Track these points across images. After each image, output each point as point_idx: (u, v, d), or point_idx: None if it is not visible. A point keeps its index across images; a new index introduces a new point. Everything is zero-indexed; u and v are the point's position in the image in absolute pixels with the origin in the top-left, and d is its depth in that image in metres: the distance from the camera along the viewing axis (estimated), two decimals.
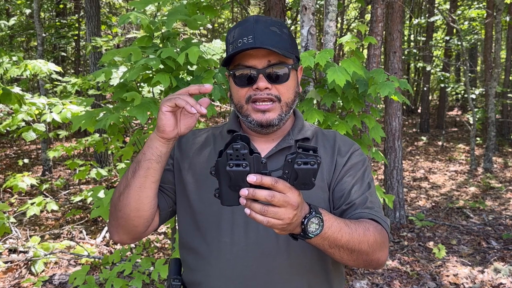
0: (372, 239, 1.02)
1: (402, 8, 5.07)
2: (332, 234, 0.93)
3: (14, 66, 3.53)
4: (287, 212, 0.83)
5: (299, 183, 0.84)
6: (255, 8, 11.85)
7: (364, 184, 1.16)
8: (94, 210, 2.26)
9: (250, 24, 1.11)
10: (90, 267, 3.72)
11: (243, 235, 1.11)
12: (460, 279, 3.76)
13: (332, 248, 0.96)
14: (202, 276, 1.15)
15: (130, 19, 2.14)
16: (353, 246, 0.98)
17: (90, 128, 2.46)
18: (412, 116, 15.92)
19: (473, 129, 8.18)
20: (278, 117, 1.13)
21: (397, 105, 5.05)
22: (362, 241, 0.99)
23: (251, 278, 1.10)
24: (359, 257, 1.01)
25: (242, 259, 1.10)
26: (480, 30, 12.64)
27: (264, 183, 0.81)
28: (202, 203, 1.16)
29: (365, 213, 1.09)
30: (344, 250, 0.97)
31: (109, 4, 11.26)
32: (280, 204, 0.82)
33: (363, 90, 2.44)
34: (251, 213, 0.83)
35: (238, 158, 0.82)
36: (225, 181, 0.85)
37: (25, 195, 5.86)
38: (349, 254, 0.99)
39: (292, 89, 1.16)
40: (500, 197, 6.51)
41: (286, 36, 1.14)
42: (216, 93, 2.25)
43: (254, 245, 1.10)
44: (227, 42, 1.16)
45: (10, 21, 9.52)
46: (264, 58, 1.09)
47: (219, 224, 1.13)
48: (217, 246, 1.12)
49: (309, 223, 0.88)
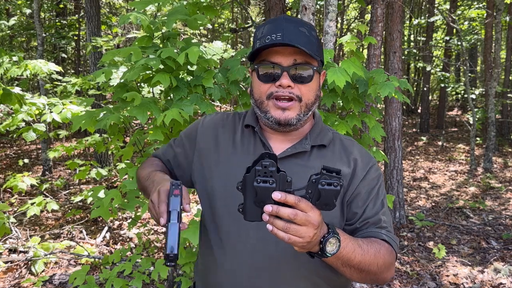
0: (382, 261, 1.05)
1: (402, 8, 5.08)
2: (347, 254, 0.97)
3: (14, 66, 3.53)
4: (308, 231, 0.86)
5: (321, 203, 0.88)
6: (255, 8, 11.85)
7: (378, 202, 1.16)
8: (94, 210, 2.26)
9: (281, 22, 1.11)
10: (90, 267, 3.72)
11: (254, 234, 1.13)
12: (460, 279, 3.76)
13: (344, 267, 1.00)
14: (212, 262, 1.19)
15: (130, 19, 2.14)
16: (364, 266, 1.02)
17: (90, 128, 2.46)
18: (412, 116, 15.92)
19: (473, 129, 8.18)
20: (296, 116, 1.13)
21: (397, 105, 5.05)
22: (373, 263, 1.03)
23: (257, 275, 1.12)
24: (367, 276, 1.05)
25: (251, 256, 1.12)
26: (480, 30, 12.64)
27: (288, 201, 0.84)
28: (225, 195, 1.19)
29: (378, 233, 1.12)
30: (355, 269, 1.01)
31: (109, 4, 11.26)
32: (302, 223, 0.85)
33: (363, 90, 2.44)
34: (273, 229, 0.86)
35: (266, 175, 0.86)
36: (251, 197, 0.88)
37: (25, 195, 5.86)
38: (358, 273, 1.03)
39: (314, 91, 1.15)
40: (500, 197, 6.51)
41: (314, 39, 1.13)
42: (216, 93, 2.25)
43: (262, 246, 1.12)
44: (255, 37, 1.16)
45: (10, 21, 9.52)
46: (291, 56, 1.09)
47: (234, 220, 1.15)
48: (229, 240, 1.16)
49: (327, 243, 0.92)
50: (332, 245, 0.92)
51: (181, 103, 2.14)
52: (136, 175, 1.39)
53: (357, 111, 2.53)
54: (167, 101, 2.38)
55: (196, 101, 2.19)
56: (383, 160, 2.73)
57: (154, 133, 2.17)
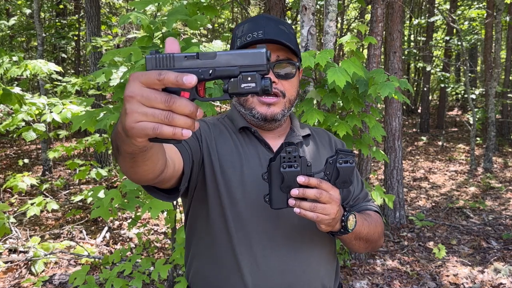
0: (380, 229, 1.21)
1: (402, 8, 5.07)
2: (359, 228, 1.09)
3: (14, 66, 3.53)
4: (333, 208, 0.96)
5: (340, 182, 0.97)
6: (255, 8, 11.85)
7: (359, 179, 1.30)
8: (94, 210, 2.26)
9: (261, 20, 1.13)
10: (90, 267, 3.72)
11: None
12: (460, 279, 3.76)
13: (355, 240, 1.11)
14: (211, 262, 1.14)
15: (131, 19, 2.14)
16: (369, 237, 1.15)
17: (90, 128, 2.46)
18: (412, 116, 15.92)
19: (473, 129, 8.17)
20: (281, 112, 1.15)
21: (397, 105, 5.05)
22: (375, 233, 1.17)
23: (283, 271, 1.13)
24: (369, 246, 1.18)
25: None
26: (480, 30, 12.64)
27: (311, 183, 0.93)
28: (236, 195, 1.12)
29: (370, 206, 1.26)
30: (363, 241, 1.13)
31: (109, 4, 11.26)
32: (326, 201, 0.94)
33: (363, 90, 2.44)
34: (301, 211, 0.94)
35: (290, 160, 0.94)
36: (277, 183, 0.95)
37: (25, 195, 5.86)
38: (365, 244, 1.15)
39: (296, 87, 1.19)
40: (500, 197, 6.51)
41: (293, 36, 1.16)
42: (216, 93, 2.25)
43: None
44: (235, 36, 1.16)
45: (10, 21, 9.51)
46: (274, 53, 1.11)
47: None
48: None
49: (348, 220, 1.03)
50: (351, 221, 1.04)
51: None
52: None
53: (357, 111, 2.53)
54: None
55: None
56: (383, 160, 2.73)
57: None
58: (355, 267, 3.98)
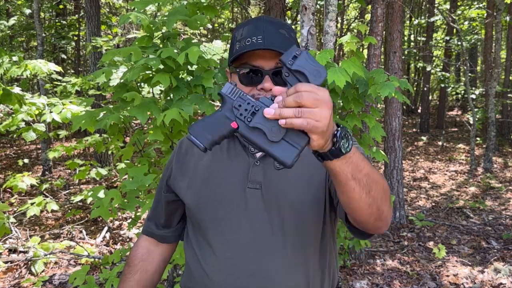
0: (386, 185, 0.98)
1: (402, 8, 5.08)
2: (357, 159, 0.89)
3: (14, 66, 3.53)
4: (323, 111, 0.79)
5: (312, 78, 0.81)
6: (255, 8, 11.85)
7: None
8: (94, 210, 2.26)
9: (260, 23, 1.10)
10: (90, 267, 3.71)
11: (239, 233, 1.12)
12: (460, 279, 3.76)
13: (354, 179, 0.89)
14: (201, 270, 1.17)
15: (131, 19, 2.14)
16: (372, 182, 0.92)
17: (90, 128, 2.46)
18: (412, 116, 15.92)
19: (473, 129, 8.18)
20: None
21: (397, 105, 5.05)
22: (379, 181, 0.94)
23: (249, 274, 1.11)
24: (373, 203, 0.93)
25: (240, 256, 1.12)
26: (480, 30, 12.64)
27: (289, 93, 0.79)
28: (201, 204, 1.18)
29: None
30: (364, 185, 0.90)
31: (109, 4, 11.26)
32: (312, 103, 0.78)
33: (363, 90, 2.44)
34: (287, 121, 0.79)
35: (242, 107, 0.83)
36: (262, 140, 0.81)
37: (25, 195, 5.86)
38: (367, 194, 0.91)
39: None
40: (500, 197, 6.51)
41: (294, 40, 1.13)
42: (216, 93, 2.25)
43: (250, 243, 1.12)
44: (234, 38, 1.15)
45: (10, 21, 9.51)
46: (272, 60, 1.09)
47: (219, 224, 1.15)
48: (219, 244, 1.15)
49: (340, 139, 0.85)
50: (346, 140, 0.85)
51: (181, 103, 2.14)
52: None
53: (357, 111, 2.53)
54: (167, 101, 2.38)
55: (196, 101, 2.19)
56: (383, 160, 2.73)
57: (154, 133, 2.17)
58: (355, 267, 3.98)
